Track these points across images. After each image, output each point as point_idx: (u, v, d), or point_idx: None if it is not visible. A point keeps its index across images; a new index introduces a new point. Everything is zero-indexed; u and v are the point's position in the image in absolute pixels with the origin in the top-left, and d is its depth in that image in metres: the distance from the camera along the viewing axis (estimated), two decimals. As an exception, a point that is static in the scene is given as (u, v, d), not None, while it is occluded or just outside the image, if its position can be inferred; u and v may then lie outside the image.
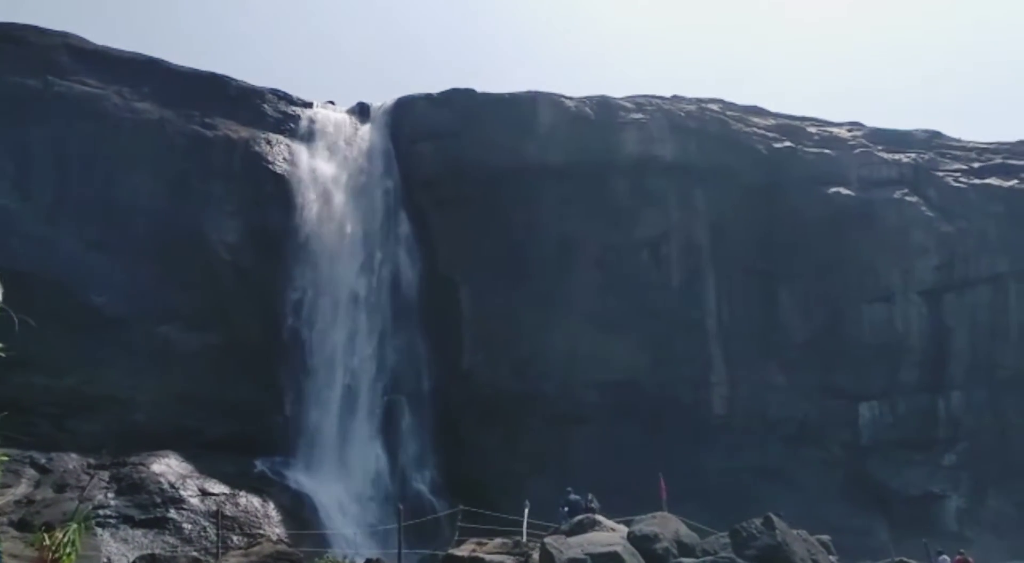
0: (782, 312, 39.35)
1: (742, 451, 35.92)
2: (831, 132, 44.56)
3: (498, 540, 23.09)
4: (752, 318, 38.94)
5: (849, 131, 45.14)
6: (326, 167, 38.52)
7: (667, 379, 37.25)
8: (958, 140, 45.73)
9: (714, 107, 43.38)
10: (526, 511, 25.82)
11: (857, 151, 42.97)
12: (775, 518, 19.78)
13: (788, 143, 42.14)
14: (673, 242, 39.56)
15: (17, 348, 4.70)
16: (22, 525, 25.04)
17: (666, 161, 39.81)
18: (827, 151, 42.48)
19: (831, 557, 21.60)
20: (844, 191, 40.81)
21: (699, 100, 43.92)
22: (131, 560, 19.75)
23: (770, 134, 42.48)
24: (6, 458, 4.36)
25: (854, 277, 39.11)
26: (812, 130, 44.26)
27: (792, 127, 43.89)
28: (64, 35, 36.86)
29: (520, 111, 39.77)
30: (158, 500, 28.18)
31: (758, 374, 38.38)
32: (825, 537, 23.15)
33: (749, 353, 38.55)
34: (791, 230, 39.20)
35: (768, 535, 19.19)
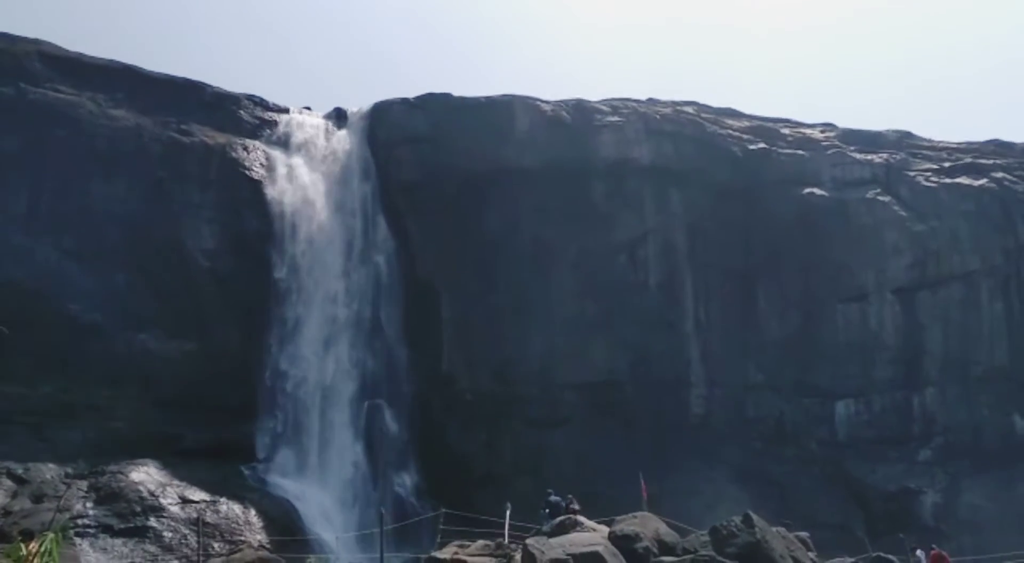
0: (759, 312, 39.69)
1: (721, 450, 36.19)
2: (805, 133, 45.02)
3: (480, 542, 23.18)
4: (729, 318, 39.26)
5: (822, 132, 45.62)
6: (303, 173, 38.45)
7: (645, 380, 37.46)
8: (929, 140, 46.35)
9: (689, 109, 43.71)
10: (508, 513, 25.90)
11: (830, 152, 43.43)
12: (754, 516, 19.97)
13: (763, 144, 42.54)
14: (650, 244, 39.79)
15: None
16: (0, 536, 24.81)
17: (642, 164, 40.07)
18: (801, 152, 42.91)
19: (810, 553, 21.82)
20: (818, 191, 41.24)
21: (674, 103, 44.24)
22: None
23: (745, 136, 42.86)
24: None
25: (829, 277, 39.53)
26: (786, 131, 44.69)
27: (766, 129, 44.31)
28: (37, 42, 36.61)
29: (496, 115, 39.89)
30: (137, 509, 27.96)
31: (735, 374, 38.69)
32: (804, 534, 23.38)
33: (726, 353, 38.85)
34: (767, 231, 39.60)
35: (748, 533, 19.38)
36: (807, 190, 41.23)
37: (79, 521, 26.38)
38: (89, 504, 27.67)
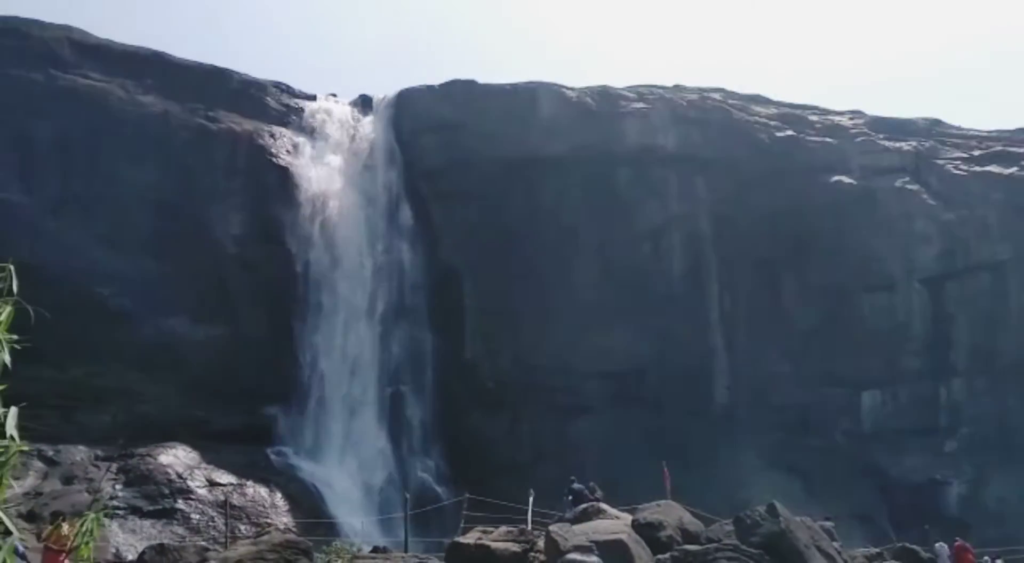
0: (785, 301, 39.45)
1: (745, 440, 36.07)
2: (833, 120, 44.57)
3: (503, 528, 23.26)
4: (754, 307, 39.05)
5: (851, 119, 45.15)
6: (329, 159, 38.64)
7: (669, 369, 37.39)
8: (959, 128, 45.73)
9: (716, 96, 43.39)
10: (530, 500, 26.03)
11: (859, 139, 42.98)
12: (778, 505, 19.92)
13: (790, 132, 42.18)
14: (675, 232, 39.66)
15: (24, 340, 4.86)
16: (30, 517, 25.26)
17: (668, 151, 39.88)
18: (829, 139, 42.50)
19: (834, 543, 21.76)
20: (846, 179, 40.85)
21: (701, 89, 43.95)
22: (140, 551, 19.92)
23: (772, 123, 42.51)
24: (26, 449, 4.48)
25: (856, 265, 39.18)
26: (814, 118, 44.27)
27: (794, 116, 43.91)
28: (67, 28, 36.92)
29: (521, 102, 39.84)
30: (166, 491, 28.40)
31: (760, 363, 38.51)
32: (828, 523, 23.32)
33: (751, 342, 38.68)
34: (793, 219, 39.28)
35: (772, 522, 19.35)
36: (835, 178, 40.86)
37: (109, 502, 26.79)
38: (119, 486, 28.12)
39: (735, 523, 19.89)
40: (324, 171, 38.12)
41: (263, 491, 30.07)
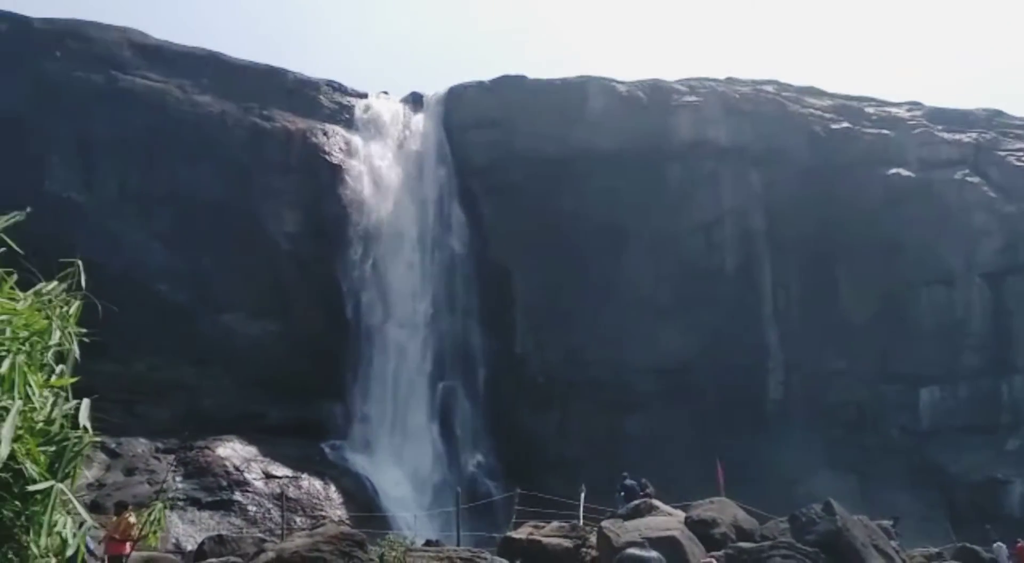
0: (840, 296, 38.82)
1: (799, 436, 35.54)
2: (889, 112, 43.71)
3: (555, 523, 23.31)
4: (809, 303, 38.49)
5: (908, 110, 44.25)
6: (381, 157, 39.00)
7: (721, 365, 37.01)
8: (1020, 119, 44.52)
9: (769, 88, 42.85)
10: (582, 495, 26.01)
11: (917, 131, 42.11)
12: (835, 503, 19.66)
13: (846, 124, 41.48)
14: (728, 226, 39.26)
15: (89, 335, 4.99)
16: (94, 507, 25.93)
17: (720, 144, 39.48)
18: (886, 131, 41.72)
19: (892, 542, 21.41)
20: (903, 172, 40.07)
21: (754, 81, 43.44)
22: (199, 541, 20.38)
23: (827, 115, 41.85)
24: (98, 439, 4.60)
25: (914, 260, 38.40)
26: (870, 110, 43.46)
27: (849, 107, 43.16)
28: (125, 30, 37.78)
29: (571, 97, 39.77)
30: (224, 483, 28.98)
31: (815, 359, 37.95)
32: (886, 522, 22.95)
33: (806, 338, 38.13)
34: (849, 212, 38.59)
35: (828, 520, 19.10)
36: (892, 171, 40.09)
37: (170, 497, 27.40)
38: (178, 478, 28.76)
39: (790, 521, 19.68)
40: (376, 169, 38.50)
41: (318, 484, 30.54)
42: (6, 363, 3.99)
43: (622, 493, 25.23)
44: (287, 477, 30.15)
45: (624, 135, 38.67)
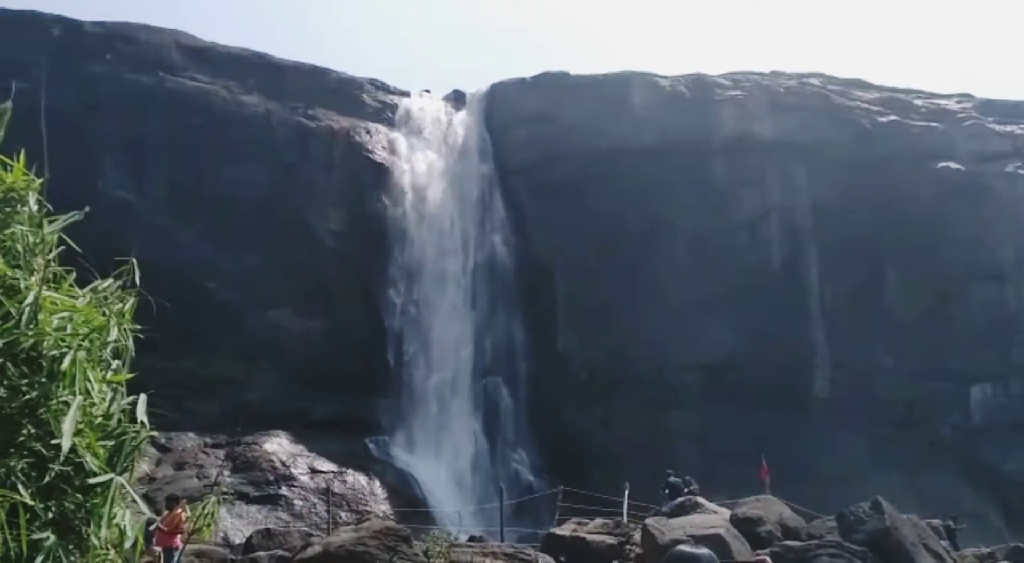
0: (888, 292, 38.21)
1: (846, 434, 35.09)
2: (939, 104, 42.88)
3: (599, 520, 23.30)
4: (857, 299, 37.92)
5: (958, 103, 43.37)
6: (423, 155, 39.23)
7: (767, 362, 36.65)
8: (1076, 109, 43.41)
9: (815, 81, 42.27)
10: (626, 492, 25.96)
11: (967, 123, 41.27)
12: (883, 502, 19.38)
13: (893, 117, 40.77)
14: (773, 222, 38.84)
15: (141, 332, 5.11)
16: (145, 501, 26.42)
17: (765, 139, 39.05)
18: (935, 124, 40.95)
19: (943, 542, 21.06)
20: (953, 165, 39.32)
21: (799, 74, 42.89)
22: (247, 535, 20.71)
23: (874, 108, 41.17)
24: (155, 433, 4.71)
25: (964, 255, 37.67)
26: (919, 103, 42.67)
27: (897, 100, 42.42)
28: (174, 33, 38.43)
29: (613, 92, 39.62)
30: (271, 477, 29.41)
31: (863, 356, 37.40)
32: (936, 521, 22.58)
33: (853, 335, 37.58)
34: (897, 207, 37.95)
35: (877, 519, 18.84)
36: (941, 164, 39.34)
37: (223, 492, 27.84)
38: (226, 472, 29.23)
39: (838, 519, 19.44)
40: (418, 166, 38.74)
41: (362, 479, 30.85)
42: (67, 359, 4.11)
43: (666, 491, 25.16)
44: (332, 472, 30.50)
45: (667, 130, 38.44)
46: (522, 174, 39.14)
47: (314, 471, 30.39)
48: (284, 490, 29.18)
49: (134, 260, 5.10)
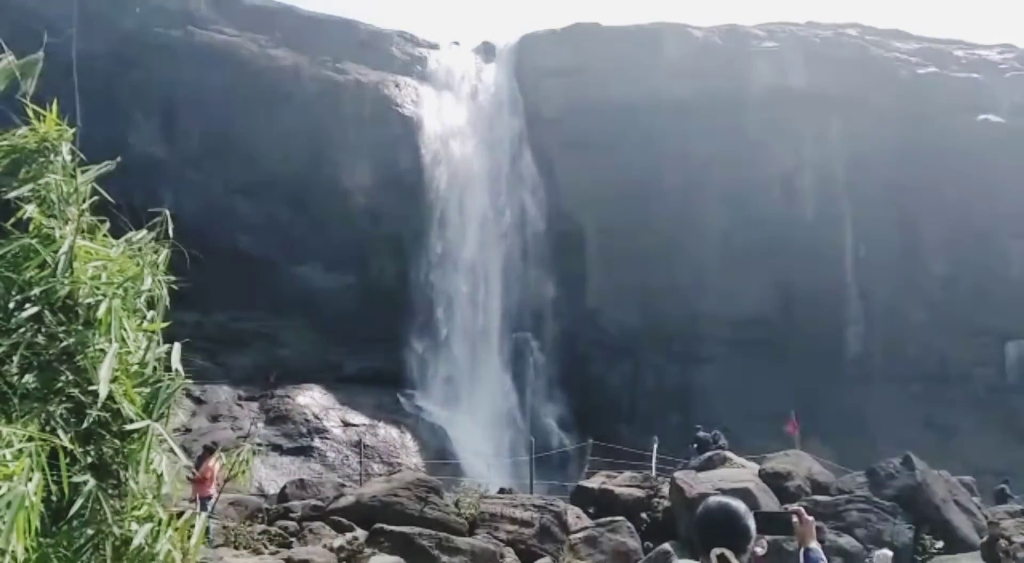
0: (924, 247, 37.68)
1: (878, 390, 34.90)
2: (980, 55, 41.83)
3: (627, 474, 23.45)
4: (891, 254, 37.43)
5: (1000, 53, 42.29)
6: (452, 108, 38.96)
7: (799, 316, 36.41)
8: (1122, 60, 42.13)
9: (852, 32, 41.34)
10: (655, 446, 26.08)
11: (1008, 75, 40.27)
12: (914, 457, 19.32)
13: (933, 68, 39.82)
14: (807, 176, 38.30)
15: (174, 284, 5.13)
16: (181, 451, 27.03)
17: (800, 91, 38.31)
18: (975, 75, 39.97)
19: (974, 499, 20.98)
20: (993, 118, 38.43)
21: (836, 25, 41.96)
22: (281, 485, 21.11)
23: (913, 59, 40.22)
24: (190, 381, 4.76)
25: (1002, 210, 36.96)
26: (959, 54, 41.62)
27: (937, 51, 41.39)
28: (202, -14, 38.20)
29: (645, 44, 39.00)
30: (304, 430, 29.88)
31: (897, 311, 37.04)
32: (968, 478, 22.47)
33: (888, 290, 37.20)
34: (935, 161, 37.22)
35: (907, 475, 18.81)
36: (981, 117, 38.44)
37: (257, 443, 28.36)
38: (260, 424, 29.73)
39: (868, 475, 19.43)
40: (448, 120, 38.50)
41: (394, 432, 31.25)
42: (103, 307, 4.14)
43: (695, 445, 25.24)
44: (364, 425, 30.91)
45: (700, 83, 37.83)
46: (553, 127, 38.78)
47: (346, 424, 30.83)
48: (317, 442, 29.65)
49: (167, 211, 5.12)
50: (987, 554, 15.92)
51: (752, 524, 3.56)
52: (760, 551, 3.91)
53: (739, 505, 3.67)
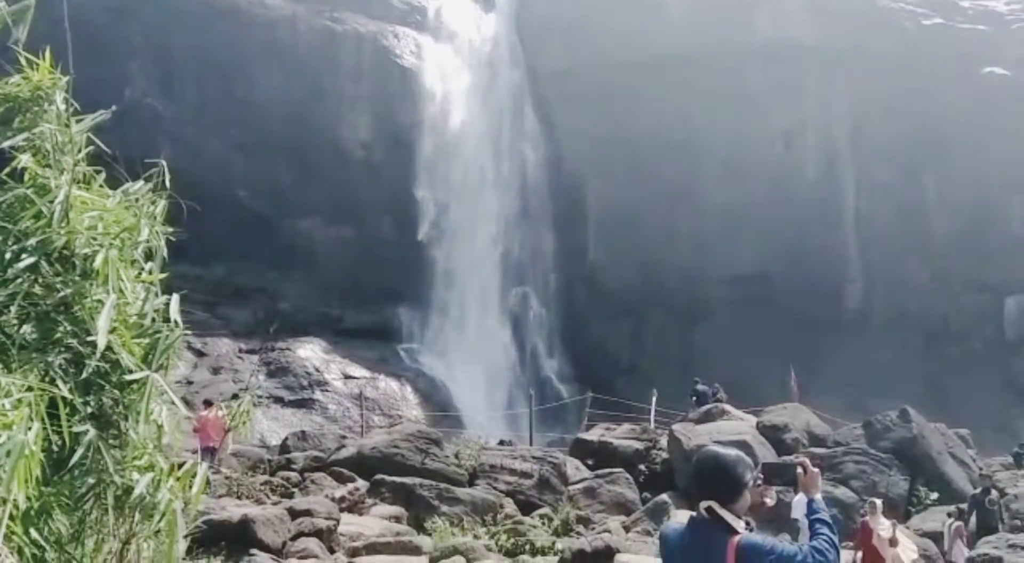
0: (926, 204, 37.51)
1: (877, 346, 35.01)
2: (986, 6, 41.19)
3: (626, 426, 23.72)
4: (893, 210, 37.26)
5: (1007, 4, 41.65)
6: (452, 60, 38.48)
7: (799, 273, 36.37)
8: None
9: (857, -17, 40.64)
10: (653, 399, 26.30)
11: (1015, 26, 39.71)
12: (911, 410, 19.48)
13: (938, 19, 39.25)
14: (809, 132, 38.00)
15: (172, 236, 5.12)
16: (183, 403, 27.23)
17: (804, 44, 37.79)
18: (982, 27, 39.42)
19: (969, 451, 21.20)
20: (999, 71, 37.96)
21: (841, -24, 41.22)
22: (283, 437, 21.32)
23: (919, 10, 39.63)
24: (189, 332, 4.78)
25: (1006, 165, 36.66)
26: (965, 4, 40.98)
27: (943, 2, 40.75)
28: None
29: (648, -4, 38.39)
30: (304, 382, 30.08)
31: (897, 268, 37.01)
32: (963, 431, 22.68)
33: (888, 247, 37.11)
34: (939, 116, 36.86)
35: (904, 427, 18.99)
36: (987, 69, 37.98)
37: (255, 392, 28.53)
38: (261, 376, 29.92)
39: (865, 427, 19.62)
40: (447, 72, 38.02)
41: (394, 385, 31.46)
42: (100, 257, 4.13)
43: (693, 398, 25.47)
44: (365, 378, 31.09)
45: (703, 35, 37.29)
46: (554, 81, 38.37)
47: (347, 377, 31.02)
48: (318, 394, 29.86)
49: (164, 162, 5.08)
50: (978, 505, 16.11)
51: (744, 473, 3.57)
52: (770, 502, 3.90)
53: (730, 454, 3.67)
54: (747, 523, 3.55)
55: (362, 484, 17.02)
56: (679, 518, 3.81)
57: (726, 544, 3.37)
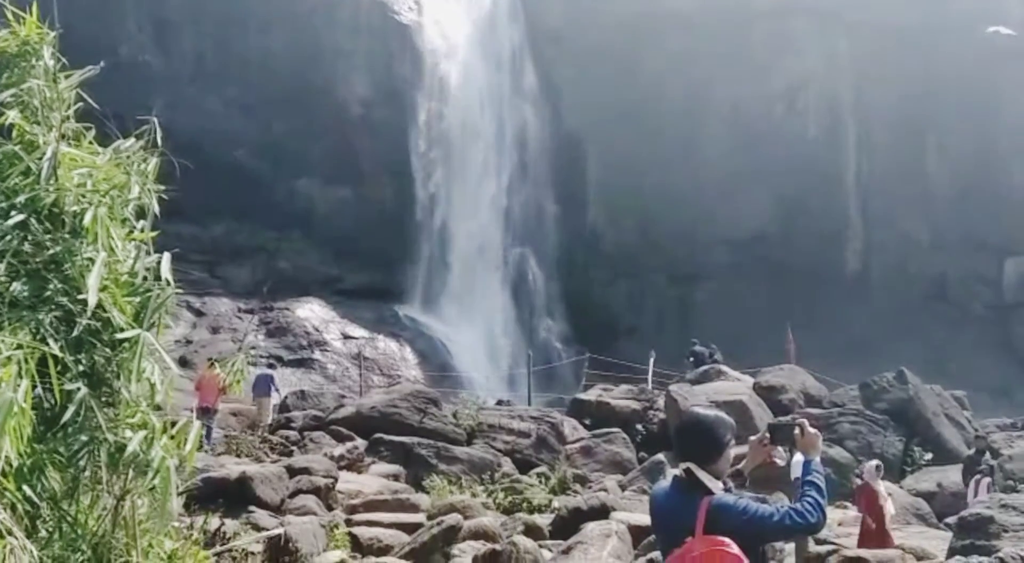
0: (928, 165, 37.33)
1: (876, 307, 35.06)
2: (994, -35, 40.59)
3: (624, 386, 23.85)
4: (894, 171, 37.08)
5: (1015, -37, 41.03)
6: (451, 17, 38.01)
7: (799, 233, 36.32)
8: None
9: (862, -60, 40.00)
10: (651, 360, 26.41)
11: (1023, -14, 39.15)
12: (907, 372, 19.54)
13: (943, -23, 38.73)
14: (811, 92, 37.68)
15: (167, 194, 5.06)
16: (182, 363, 27.29)
17: (807, 3, 37.35)
18: (988, -15, 38.88)
19: (965, 412, 21.31)
20: (1003, 30, 37.54)
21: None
22: (283, 396, 21.40)
23: (924, -32, 39.07)
24: (180, 291, 4.75)
25: (1009, 125, 36.44)
26: (972, -38, 40.40)
27: (949, -41, 40.18)
28: None
29: (650, -48, 37.81)
30: (304, 342, 30.14)
31: (897, 229, 36.94)
32: (960, 392, 22.79)
33: (889, 207, 37.01)
34: (941, 76, 36.49)
35: (900, 389, 19.06)
36: (991, 29, 37.53)
37: (252, 351, 28.60)
38: (261, 336, 29.99)
39: (861, 388, 19.70)
40: (446, 29, 37.59)
41: (393, 345, 31.52)
42: (88, 215, 4.09)
43: (690, 359, 25.54)
44: (364, 338, 31.16)
45: (706, -7, 36.89)
46: (555, 41, 37.96)
47: (346, 337, 31.08)
48: (317, 354, 29.94)
49: (155, 119, 5.01)
50: (971, 466, 16.19)
51: (724, 434, 3.57)
52: (780, 462, 3.93)
53: (708, 415, 3.67)
54: (725, 484, 3.57)
55: (361, 443, 17.15)
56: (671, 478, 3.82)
57: (699, 504, 3.40)
